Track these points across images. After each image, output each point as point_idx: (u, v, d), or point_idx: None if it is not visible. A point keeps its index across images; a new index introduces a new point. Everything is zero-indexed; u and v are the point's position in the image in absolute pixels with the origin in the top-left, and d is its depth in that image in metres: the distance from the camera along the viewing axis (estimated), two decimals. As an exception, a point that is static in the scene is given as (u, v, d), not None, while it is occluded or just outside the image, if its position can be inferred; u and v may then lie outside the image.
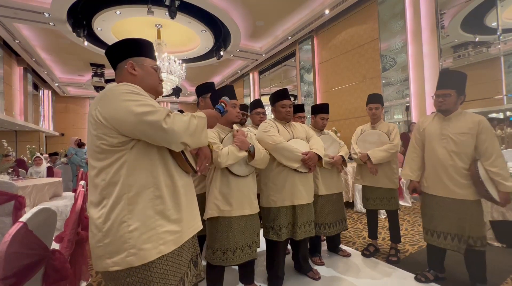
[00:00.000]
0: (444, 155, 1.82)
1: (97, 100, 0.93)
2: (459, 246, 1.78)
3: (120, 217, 0.88)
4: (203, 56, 8.63)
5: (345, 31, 6.26)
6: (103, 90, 0.96)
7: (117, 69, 1.08)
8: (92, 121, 0.91)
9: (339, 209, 2.37)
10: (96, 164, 0.91)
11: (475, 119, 1.76)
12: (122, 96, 0.90)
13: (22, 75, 8.67)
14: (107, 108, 0.89)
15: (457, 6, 4.34)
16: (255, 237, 1.74)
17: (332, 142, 2.38)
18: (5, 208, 2.14)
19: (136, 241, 0.88)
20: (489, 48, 4.06)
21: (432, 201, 1.91)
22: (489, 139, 1.71)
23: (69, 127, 13.13)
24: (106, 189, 0.89)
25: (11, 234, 0.77)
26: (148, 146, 0.96)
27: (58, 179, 3.59)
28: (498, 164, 1.68)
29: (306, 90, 7.44)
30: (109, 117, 0.89)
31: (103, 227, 0.88)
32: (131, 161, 0.92)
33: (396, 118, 5.32)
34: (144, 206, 0.91)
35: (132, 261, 0.88)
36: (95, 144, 0.91)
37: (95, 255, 0.91)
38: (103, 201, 0.90)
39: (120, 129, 0.89)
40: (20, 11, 5.47)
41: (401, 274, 2.10)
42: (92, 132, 0.92)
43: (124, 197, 0.89)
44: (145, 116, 0.89)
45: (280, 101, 2.02)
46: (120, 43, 1.09)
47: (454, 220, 1.79)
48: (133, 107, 0.89)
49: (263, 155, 1.74)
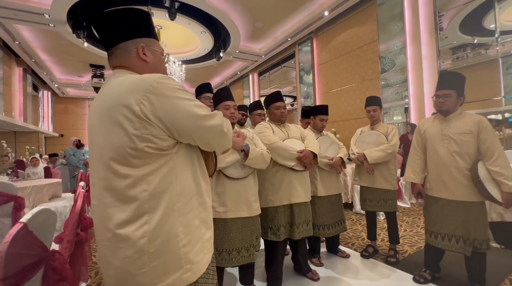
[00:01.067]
0: (446, 155, 1.81)
1: (139, 92, 0.72)
2: (464, 248, 1.75)
3: (173, 232, 0.75)
4: (203, 57, 8.65)
5: (344, 32, 6.28)
6: (138, 78, 0.76)
7: (117, 48, 0.84)
8: (132, 118, 0.71)
9: (338, 210, 2.38)
10: (131, 172, 0.73)
11: (475, 119, 1.76)
12: (175, 92, 0.76)
13: (21, 76, 8.67)
14: (160, 105, 0.72)
15: (456, 8, 4.36)
16: (253, 240, 1.71)
17: (331, 143, 2.39)
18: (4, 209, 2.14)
19: (191, 255, 0.78)
20: (487, 50, 4.08)
21: (435, 203, 1.89)
22: (490, 138, 1.69)
23: (68, 128, 13.12)
24: (149, 202, 0.73)
25: (12, 234, 0.77)
26: (191, 149, 0.85)
27: (58, 180, 3.59)
28: (500, 163, 1.64)
29: (306, 91, 7.46)
30: (165, 116, 0.73)
31: (150, 248, 0.72)
32: (178, 166, 0.79)
33: (395, 119, 5.34)
34: (192, 216, 0.81)
35: (189, 278, 0.77)
36: (135, 146, 0.71)
37: (133, 284, 0.73)
38: (144, 216, 0.72)
39: (174, 131, 0.76)
40: (20, 12, 5.48)
41: (400, 275, 2.11)
42: (130, 131, 0.71)
43: (175, 208, 0.76)
44: (207, 120, 0.80)
45: (274, 103, 2.08)
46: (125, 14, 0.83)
47: (459, 222, 1.77)
48: (193, 108, 0.78)
49: (260, 153, 1.70)
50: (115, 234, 0.72)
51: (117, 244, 0.72)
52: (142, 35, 0.86)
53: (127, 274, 0.73)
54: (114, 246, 0.73)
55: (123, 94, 0.73)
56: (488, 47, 4.06)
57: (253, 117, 2.57)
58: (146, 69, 0.85)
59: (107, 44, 0.86)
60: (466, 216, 1.75)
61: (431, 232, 1.91)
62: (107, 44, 0.85)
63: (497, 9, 3.91)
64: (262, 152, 1.73)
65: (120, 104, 0.72)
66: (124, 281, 0.73)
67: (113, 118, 0.73)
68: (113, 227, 0.72)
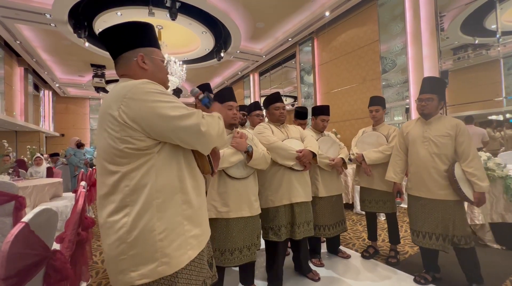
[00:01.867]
0: (426, 157, 1.90)
1: (119, 98, 0.82)
2: (443, 245, 1.84)
3: (149, 225, 0.81)
4: (204, 57, 8.64)
5: (345, 33, 6.27)
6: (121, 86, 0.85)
7: (120, 58, 0.94)
8: (113, 122, 0.81)
9: (338, 211, 2.38)
10: (117, 169, 0.82)
11: (453, 122, 1.86)
12: (150, 96, 0.82)
13: (22, 76, 8.68)
14: (135, 109, 0.80)
15: (457, 9, 4.35)
16: (254, 239, 1.73)
17: (332, 144, 2.39)
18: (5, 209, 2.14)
19: (168, 249, 0.83)
20: (488, 50, 4.07)
21: (416, 203, 1.97)
22: (466, 141, 1.80)
23: (69, 128, 13.13)
24: (131, 196, 0.81)
25: (14, 234, 0.77)
26: (176, 149, 0.90)
27: (59, 179, 3.59)
28: (474, 164, 1.75)
29: (306, 91, 7.46)
30: (140, 119, 0.80)
31: (128, 237, 0.80)
32: (159, 165, 0.85)
33: (396, 119, 5.33)
34: (173, 212, 0.86)
35: (164, 271, 0.82)
36: (117, 147, 0.81)
37: (115, 269, 0.82)
38: (125, 208, 0.81)
39: (151, 133, 0.82)
40: (22, 12, 5.48)
41: (400, 276, 2.11)
42: (112, 134, 0.81)
43: (153, 203, 0.82)
44: (181, 120, 0.84)
45: (273, 104, 2.09)
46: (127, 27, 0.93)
47: (438, 220, 1.86)
48: (166, 110, 0.82)
49: (262, 154, 1.73)
50: (106, 221, 0.83)
51: (106, 230, 0.83)
52: (142, 45, 0.94)
53: (111, 258, 0.82)
54: (105, 232, 0.84)
55: (109, 101, 0.83)
56: (490, 48, 4.05)
57: (251, 117, 2.57)
58: (145, 76, 0.93)
59: (113, 55, 0.96)
60: (445, 214, 1.84)
61: (413, 231, 1.99)
62: (113, 55, 0.95)
63: (499, 10, 3.90)
64: (264, 153, 1.76)
65: (106, 111, 0.83)
66: (109, 264, 0.84)
67: (102, 123, 0.84)
68: (105, 216, 0.83)
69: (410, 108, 4.91)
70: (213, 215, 1.62)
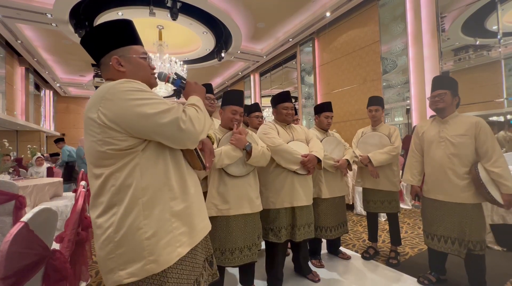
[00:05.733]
0: (443, 158, 1.82)
1: (97, 100, 0.81)
2: (459, 250, 1.76)
3: (135, 224, 0.81)
4: (204, 58, 8.64)
5: (346, 33, 6.27)
6: (100, 88, 0.84)
7: (100, 64, 0.93)
8: (94, 124, 0.80)
9: (341, 213, 2.37)
10: (102, 171, 0.82)
11: (472, 120, 1.76)
12: (126, 95, 0.81)
13: (23, 75, 8.69)
14: (113, 109, 0.79)
15: (458, 10, 4.35)
16: (255, 239, 1.72)
17: (337, 144, 2.36)
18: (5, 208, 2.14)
19: (155, 247, 0.82)
20: (489, 51, 4.07)
21: (432, 205, 1.90)
22: (489, 140, 1.69)
23: (70, 127, 13.14)
24: (117, 195, 0.81)
25: (13, 233, 0.77)
26: (161, 145, 0.89)
27: (59, 179, 3.59)
28: (500, 164, 1.64)
29: (307, 92, 7.45)
30: (118, 119, 0.80)
31: (115, 237, 0.80)
32: (144, 163, 0.84)
33: (396, 120, 5.33)
34: (160, 210, 0.85)
35: (152, 269, 0.82)
36: (100, 149, 0.80)
37: (105, 269, 0.82)
38: (113, 208, 0.81)
39: (132, 132, 0.81)
40: (23, 11, 5.49)
41: (401, 277, 2.10)
42: (95, 136, 0.80)
43: (139, 202, 0.82)
44: (159, 118, 0.81)
45: (282, 103, 2.05)
46: (95, 33, 0.91)
47: (455, 224, 1.78)
48: (143, 108, 0.81)
49: (262, 152, 1.71)
50: (95, 222, 0.84)
51: (96, 231, 0.84)
52: (116, 46, 0.91)
53: (101, 258, 0.83)
54: (95, 233, 0.84)
55: (89, 105, 0.83)
56: (491, 49, 4.05)
57: (250, 119, 2.57)
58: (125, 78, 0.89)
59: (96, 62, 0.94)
60: (462, 218, 1.76)
61: (428, 234, 1.92)
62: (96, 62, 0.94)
63: (500, 11, 3.89)
64: (263, 150, 1.74)
65: (86, 115, 0.83)
66: (100, 264, 0.84)
67: (85, 127, 0.84)
68: (94, 217, 0.84)
69: (411, 108, 4.90)
70: (213, 213, 1.61)
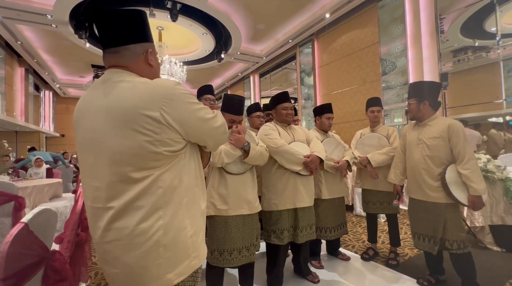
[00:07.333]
0: (419, 159, 1.91)
1: (158, 98, 0.75)
2: (430, 247, 1.84)
3: (182, 225, 0.82)
4: (204, 59, 8.66)
5: (346, 34, 6.28)
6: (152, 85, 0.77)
7: (124, 49, 0.82)
8: (153, 123, 0.74)
9: (340, 214, 2.37)
10: (148, 173, 0.77)
11: (445, 123, 1.84)
12: (187, 98, 0.82)
13: (23, 76, 8.69)
14: (178, 111, 0.78)
15: (457, 11, 4.36)
16: (253, 240, 1.72)
17: (337, 145, 2.37)
18: (5, 209, 2.14)
19: (196, 244, 0.87)
20: (488, 53, 4.08)
21: (413, 204, 2.00)
22: (461, 143, 1.75)
23: (69, 128, 13.13)
24: (163, 197, 0.78)
25: (13, 234, 0.77)
26: (194, 148, 0.92)
27: (58, 180, 3.59)
28: (469, 166, 1.71)
29: (306, 93, 7.46)
30: (183, 120, 0.80)
31: (165, 240, 0.78)
32: (186, 165, 0.86)
33: (396, 121, 5.33)
34: (196, 209, 0.89)
35: (195, 264, 0.86)
36: (155, 150, 0.76)
37: (149, 276, 0.76)
38: (158, 211, 0.77)
39: (189, 135, 0.84)
40: (23, 12, 5.50)
41: (400, 278, 2.10)
42: (151, 136, 0.75)
43: (183, 202, 0.83)
44: (213, 122, 0.89)
45: (281, 104, 2.06)
46: (136, 15, 0.83)
47: (429, 222, 1.86)
48: (201, 112, 0.85)
49: (260, 152, 1.71)
50: (135, 229, 0.75)
51: (134, 240, 0.75)
52: (149, 39, 0.88)
53: (142, 269, 0.76)
54: (129, 243, 0.75)
55: (142, 101, 0.74)
56: (489, 50, 4.06)
57: (251, 119, 2.57)
58: (150, 73, 0.88)
59: (111, 42, 0.82)
60: (436, 216, 1.83)
61: (413, 233, 2.00)
62: (112, 41, 0.82)
63: (498, 12, 3.91)
64: (261, 150, 1.74)
65: (140, 111, 0.73)
66: (132, 276, 0.76)
67: (133, 124, 0.74)
68: (134, 224, 0.75)
69: (410, 110, 4.91)
70: (212, 212, 1.61)
